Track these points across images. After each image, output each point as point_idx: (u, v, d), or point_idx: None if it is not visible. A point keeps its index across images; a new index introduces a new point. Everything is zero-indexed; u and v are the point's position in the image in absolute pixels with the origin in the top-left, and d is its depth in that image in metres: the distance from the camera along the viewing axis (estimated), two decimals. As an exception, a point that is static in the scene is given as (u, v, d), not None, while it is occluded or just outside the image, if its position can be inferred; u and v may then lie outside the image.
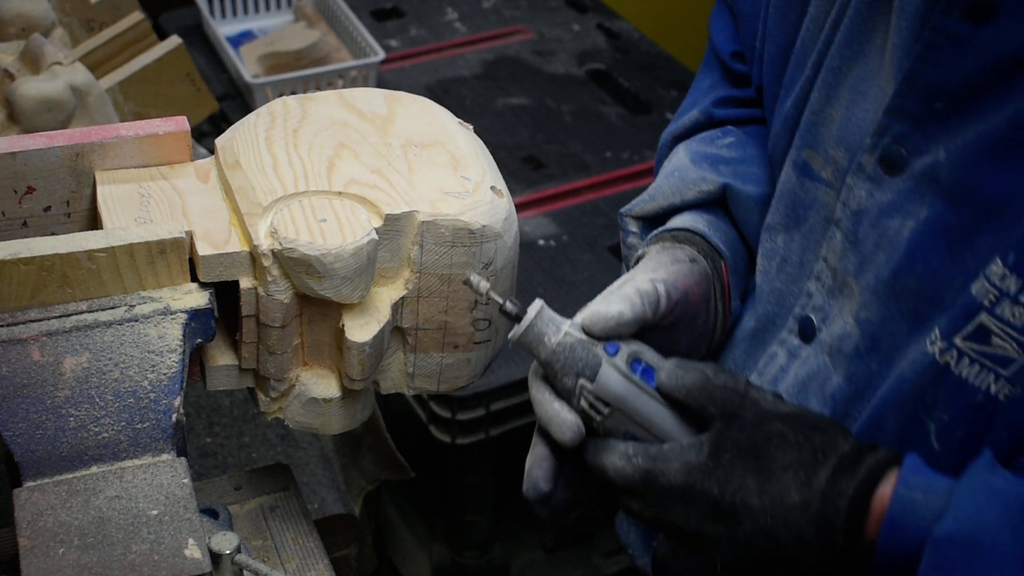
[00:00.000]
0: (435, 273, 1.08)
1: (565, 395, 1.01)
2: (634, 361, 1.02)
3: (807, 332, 1.10)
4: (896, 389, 1.01)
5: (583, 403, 1.01)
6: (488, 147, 1.17)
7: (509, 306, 1.01)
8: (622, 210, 1.24)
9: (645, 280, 1.06)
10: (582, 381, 1.00)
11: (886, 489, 0.94)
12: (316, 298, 1.04)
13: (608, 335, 1.01)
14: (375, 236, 1.03)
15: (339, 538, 1.25)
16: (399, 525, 2.29)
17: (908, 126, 0.99)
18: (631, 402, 1.01)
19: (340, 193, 1.06)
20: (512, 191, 1.16)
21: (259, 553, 1.11)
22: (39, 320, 1.00)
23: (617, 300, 1.02)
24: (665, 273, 1.09)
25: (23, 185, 1.08)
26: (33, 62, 1.43)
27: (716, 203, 1.21)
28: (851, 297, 1.06)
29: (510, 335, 1.02)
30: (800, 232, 1.12)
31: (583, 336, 1.01)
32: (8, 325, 0.99)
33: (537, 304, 1.01)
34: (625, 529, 1.34)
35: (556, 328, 1.01)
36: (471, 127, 1.18)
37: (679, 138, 1.30)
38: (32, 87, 1.39)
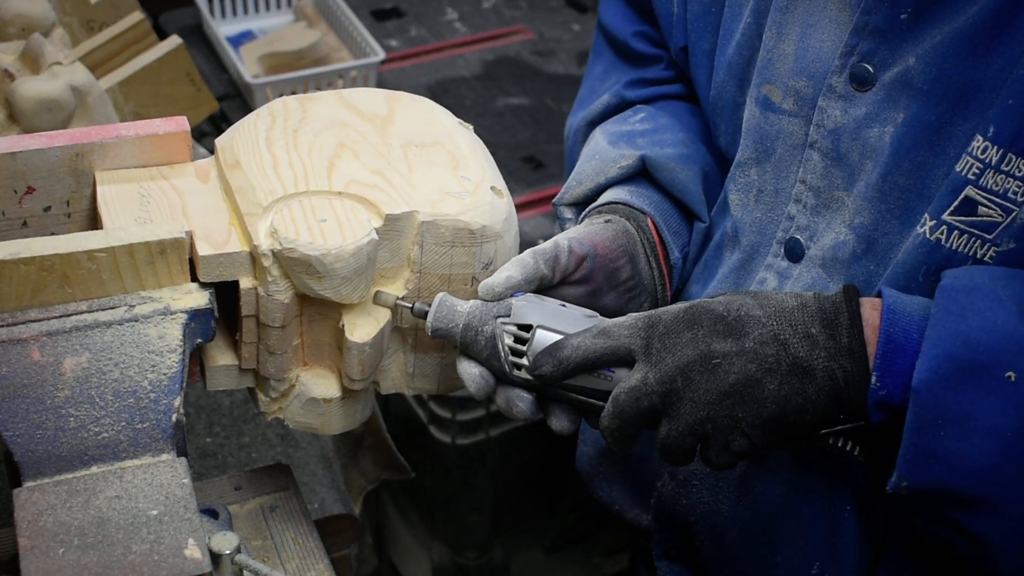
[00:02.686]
0: (435, 273, 1.08)
1: (488, 349, 1.05)
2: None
3: (795, 252, 1.17)
4: (891, 276, 1.07)
5: (508, 340, 1.05)
6: (488, 147, 1.17)
7: (419, 306, 1.07)
8: (554, 200, 1.29)
9: (548, 242, 1.11)
10: (499, 320, 1.05)
11: (870, 299, 1.01)
12: (316, 298, 1.04)
13: (500, 298, 1.06)
14: (375, 236, 1.03)
15: (339, 538, 1.25)
16: (399, 525, 2.29)
17: (875, 42, 1.07)
18: (552, 314, 1.05)
19: (340, 193, 1.06)
20: (512, 191, 1.16)
21: (259, 553, 1.11)
22: (39, 320, 1.00)
23: (507, 267, 1.07)
24: (573, 233, 1.14)
25: (23, 185, 1.08)
26: (33, 62, 1.43)
27: (640, 175, 1.26)
28: (841, 210, 1.12)
29: (426, 328, 1.07)
30: (771, 163, 1.18)
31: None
32: (8, 325, 0.99)
33: (440, 295, 1.07)
34: (607, 489, 1.35)
35: (463, 304, 1.06)
36: (471, 127, 1.18)
37: (593, 122, 1.37)
38: (32, 87, 1.38)
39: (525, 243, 1.16)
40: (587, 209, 1.24)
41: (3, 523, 1.37)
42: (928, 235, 1.04)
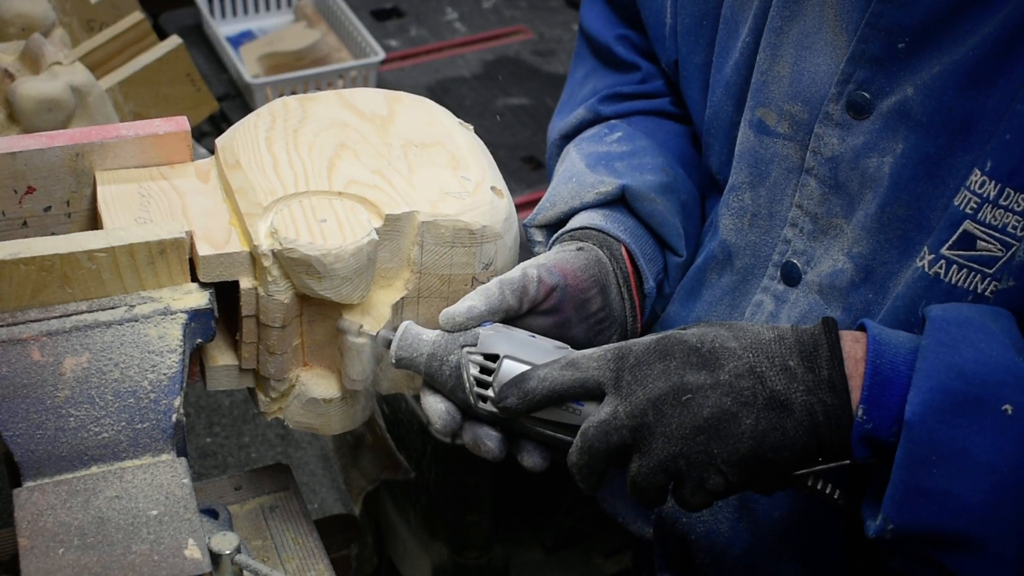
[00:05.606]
0: (435, 273, 1.08)
1: (453, 380, 1.01)
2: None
3: (792, 276, 1.14)
4: (891, 309, 1.05)
5: (473, 371, 1.01)
6: (488, 147, 1.17)
7: (383, 334, 1.04)
8: (525, 221, 1.25)
9: (516, 270, 1.07)
10: (466, 349, 1.02)
11: (851, 332, 0.98)
12: (316, 298, 1.04)
13: (463, 328, 1.03)
14: (375, 236, 1.03)
15: (339, 538, 1.25)
16: (399, 525, 2.29)
17: (872, 70, 1.05)
18: (521, 344, 1.01)
19: (340, 193, 1.06)
20: (512, 191, 1.16)
21: (259, 553, 1.11)
22: (39, 320, 1.00)
23: (471, 296, 1.04)
24: (543, 260, 1.10)
25: (23, 185, 1.08)
26: (33, 62, 1.43)
27: (616, 201, 1.22)
28: (840, 237, 1.10)
29: (390, 357, 1.03)
30: (765, 187, 1.16)
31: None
32: (8, 325, 0.99)
33: (404, 323, 1.04)
34: (610, 500, 1.35)
35: (428, 333, 1.03)
36: (471, 127, 1.18)
37: (567, 136, 1.33)
38: (32, 87, 1.39)
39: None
40: (559, 232, 1.20)
41: (3, 523, 1.37)
42: (927, 269, 1.02)
